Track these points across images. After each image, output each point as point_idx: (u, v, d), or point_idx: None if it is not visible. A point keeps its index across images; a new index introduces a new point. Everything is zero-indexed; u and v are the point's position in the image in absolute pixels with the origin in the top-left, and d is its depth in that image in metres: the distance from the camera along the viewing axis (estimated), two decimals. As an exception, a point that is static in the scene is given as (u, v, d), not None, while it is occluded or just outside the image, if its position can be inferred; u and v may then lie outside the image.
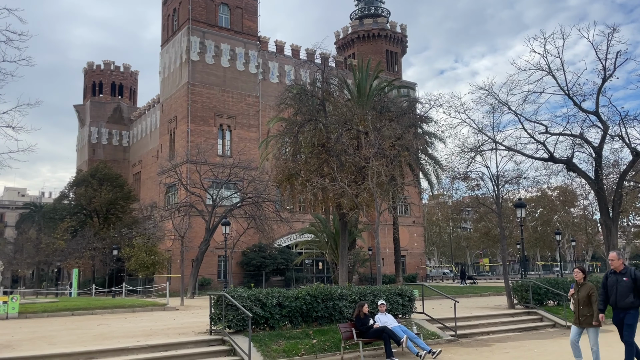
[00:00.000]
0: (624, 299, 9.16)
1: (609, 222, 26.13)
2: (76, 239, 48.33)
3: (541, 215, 71.50)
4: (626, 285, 9.18)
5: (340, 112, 26.97)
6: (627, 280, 9.18)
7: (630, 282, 9.16)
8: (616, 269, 9.39)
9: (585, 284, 9.91)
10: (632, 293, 9.14)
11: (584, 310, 9.70)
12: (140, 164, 69.03)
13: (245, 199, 39.53)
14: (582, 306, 9.74)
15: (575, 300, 9.93)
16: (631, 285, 9.16)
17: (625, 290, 9.18)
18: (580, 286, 9.92)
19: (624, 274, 9.26)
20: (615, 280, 9.34)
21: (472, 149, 23.89)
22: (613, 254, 9.46)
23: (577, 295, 9.87)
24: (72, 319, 20.76)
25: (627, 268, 9.34)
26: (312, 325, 13.81)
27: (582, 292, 9.77)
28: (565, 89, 25.33)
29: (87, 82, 76.30)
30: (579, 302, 9.79)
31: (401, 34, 66.44)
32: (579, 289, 9.87)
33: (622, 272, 9.32)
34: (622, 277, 9.25)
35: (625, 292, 9.18)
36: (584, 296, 9.70)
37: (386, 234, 53.19)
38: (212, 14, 51.84)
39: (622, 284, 9.23)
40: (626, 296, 9.16)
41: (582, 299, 9.75)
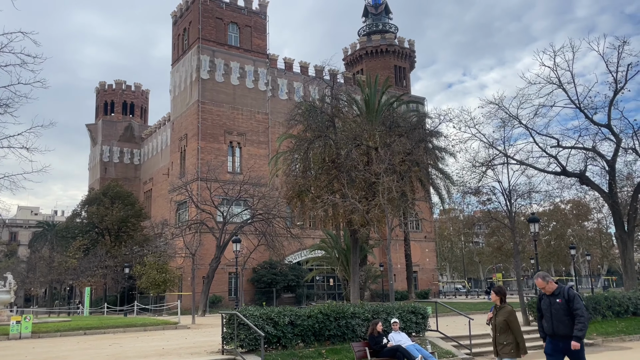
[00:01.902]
0: (562, 325, 7.72)
1: (624, 235, 25.79)
2: (88, 257, 48.52)
3: (554, 229, 70.72)
4: (560, 308, 7.77)
5: (350, 128, 27.03)
6: (561, 302, 7.78)
7: (564, 304, 7.76)
8: (548, 292, 8.05)
9: (504, 307, 8.45)
10: (568, 316, 7.71)
11: (500, 339, 8.30)
12: (151, 181, 69.48)
13: (256, 215, 39.54)
14: (499, 333, 8.33)
15: (492, 326, 8.54)
16: (565, 307, 7.76)
17: (560, 313, 7.77)
18: (498, 310, 8.49)
19: (557, 295, 7.87)
20: (548, 303, 7.97)
21: (483, 163, 23.77)
22: (538, 280, 8.08)
23: (494, 320, 8.47)
24: (85, 338, 20.73)
25: (560, 288, 7.94)
26: (324, 344, 13.66)
27: (499, 317, 8.36)
28: (577, 102, 25.24)
29: (99, 101, 77.27)
30: (496, 328, 8.39)
31: (409, 49, 66.73)
32: (497, 314, 8.46)
33: (554, 293, 7.93)
34: (555, 299, 7.85)
35: (560, 317, 7.77)
36: (501, 322, 8.30)
37: (397, 249, 52.84)
38: (221, 33, 52.47)
39: (555, 307, 7.81)
40: (562, 321, 7.73)
41: (499, 325, 8.34)
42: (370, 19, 69.55)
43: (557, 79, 24.93)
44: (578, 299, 7.77)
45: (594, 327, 18.55)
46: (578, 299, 7.77)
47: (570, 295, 7.79)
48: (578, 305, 7.68)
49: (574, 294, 7.80)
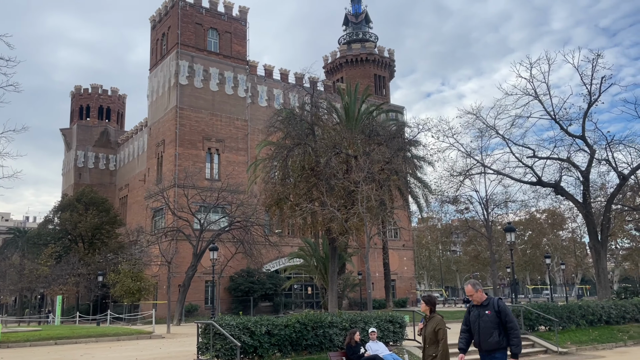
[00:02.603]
0: (488, 338, 7.22)
1: (597, 245, 26.21)
2: (60, 264, 47.40)
3: (530, 238, 71.73)
4: (489, 320, 7.24)
5: (329, 136, 27.01)
6: (490, 314, 7.27)
7: (494, 316, 7.25)
8: (476, 302, 7.55)
9: (433, 317, 8.01)
10: (497, 330, 7.20)
11: (429, 350, 7.85)
12: (127, 187, 68.42)
13: (234, 223, 39.18)
14: (428, 345, 7.88)
15: (422, 337, 8.10)
16: (495, 319, 7.23)
17: (489, 326, 7.24)
18: (428, 320, 8.06)
19: (486, 307, 7.38)
20: (477, 315, 7.45)
21: (461, 172, 24.01)
22: (468, 286, 7.62)
23: (424, 331, 8.03)
24: (56, 348, 20.16)
25: (490, 299, 7.48)
26: (302, 353, 13.50)
27: (429, 328, 7.92)
28: (552, 113, 25.68)
29: (74, 105, 75.95)
30: (425, 339, 7.94)
31: (389, 58, 67.28)
32: (426, 324, 8.03)
33: (483, 304, 7.44)
34: (484, 311, 7.34)
35: (488, 330, 7.24)
36: (430, 332, 7.85)
37: (376, 258, 52.90)
38: (201, 39, 52.15)
39: (484, 319, 7.29)
40: (490, 334, 7.22)
41: (428, 335, 7.88)
42: (351, 28, 70.00)
43: (533, 90, 25.38)
44: (509, 311, 7.33)
45: (568, 335, 18.75)
46: (509, 311, 7.33)
47: (501, 307, 7.28)
48: (510, 318, 7.22)
49: (504, 306, 7.33)
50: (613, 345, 18.66)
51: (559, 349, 17.22)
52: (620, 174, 26.42)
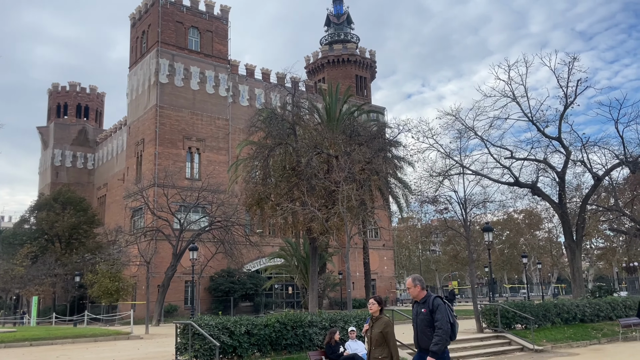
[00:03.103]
0: (424, 337, 6.99)
1: (573, 245, 26.73)
2: (36, 265, 46.59)
3: (508, 238, 72.71)
4: (424, 319, 7.02)
5: (311, 136, 27.03)
6: (426, 312, 7.01)
7: (429, 315, 6.99)
8: (415, 298, 7.25)
9: (381, 317, 7.65)
10: (431, 329, 6.94)
11: (375, 352, 7.46)
12: (105, 187, 67.53)
13: (214, 223, 38.98)
14: (375, 347, 7.48)
15: (368, 339, 7.70)
16: (429, 318, 6.98)
17: (424, 325, 7.00)
18: (374, 321, 7.66)
19: (423, 304, 7.09)
20: (415, 312, 7.20)
21: (440, 173, 24.24)
22: (408, 280, 7.34)
23: (369, 332, 7.65)
24: (31, 349, 19.85)
25: (428, 297, 7.16)
26: (281, 353, 13.53)
27: (375, 329, 7.53)
28: (529, 115, 26.10)
29: (51, 103, 74.72)
30: (371, 341, 7.54)
31: (370, 59, 67.60)
32: (373, 325, 7.64)
33: (421, 301, 7.14)
34: (421, 309, 7.09)
35: (423, 328, 7.01)
36: (377, 334, 7.47)
37: (356, 257, 53.13)
38: (181, 37, 51.76)
39: (420, 317, 7.07)
40: (425, 333, 6.96)
41: (374, 337, 7.50)
42: (333, 29, 70.16)
43: (511, 92, 25.76)
44: (442, 309, 6.96)
45: (543, 333, 19.11)
46: (442, 309, 6.96)
47: (435, 305, 6.95)
48: (439, 317, 6.88)
49: (438, 304, 6.98)
50: (587, 343, 19.08)
51: (534, 347, 17.55)
52: (595, 175, 26.98)
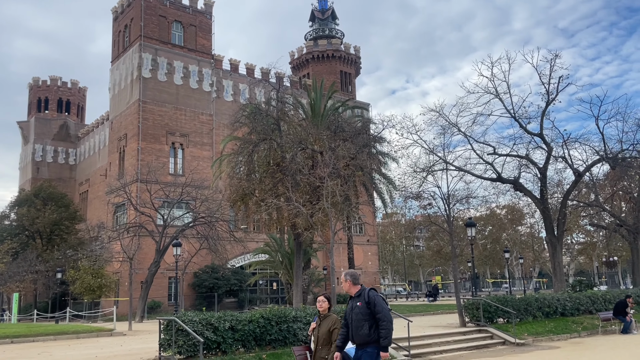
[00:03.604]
0: (359, 331, 6.76)
1: (554, 240, 27.11)
2: (17, 261, 45.88)
3: (490, 233, 73.54)
4: (360, 312, 6.78)
5: (295, 131, 26.98)
6: (361, 306, 6.80)
7: (365, 307, 6.77)
8: (349, 292, 7.08)
9: (329, 315, 7.38)
10: (368, 322, 6.74)
11: (321, 352, 7.22)
12: (87, 182, 66.71)
13: (198, 218, 38.75)
14: (321, 346, 7.24)
15: (315, 337, 7.39)
16: (365, 311, 6.75)
17: (360, 318, 6.77)
18: (322, 319, 7.40)
19: (358, 298, 6.90)
20: (350, 307, 6.98)
21: (424, 169, 24.42)
22: (342, 275, 7.14)
23: (317, 330, 7.34)
24: (12, 347, 19.58)
25: (363, 290, 6.96)
26: (265, 349, 13.53)
27: (323, 327, 7.28)
28: (512, 112, 26.37)
29: (32, 97, 73.50)
30: (318, 340, 7.28)
31: (355, 55, 67.63)
32: (320, 324, 7.38)
33: (356, 295, 6.96)
34: (356, 302, 6.89)
35: (359, 322, 6.77)
36: (324, 332, 7.22)
37: (341, 253, 53.27)
38: (164, 31, 51.23)
39: (355, 310, 6.84)
40: (360, 327, 6.75)
41: (321, 336, 7.25)
42: (317, 24, 70.00)
43: (494, 89, 26.00)
44: (380, 301, 6.81)
45: (525, 327, 19.37)
46: (380, 301, 6.81)
47: (371, 298, 6.77)
48: (380, 309, 6.70)
49: (374, 296, 6.80)
50: (568, 336, 19.39)
51: (516, 340, 17.79)
52: (575, 171, 27.38)
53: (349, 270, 7.15)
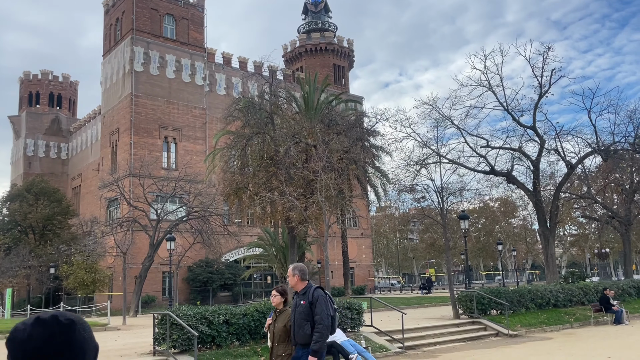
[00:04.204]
0: (300, 330, 6.37)
1: (546, 232, 27.27)
2: (10, 256, 45.65)
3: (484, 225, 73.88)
4: (302, 311, 6.39)
5: (289, 125, 26.97)
6: (305, 305, 6.39)
7: (307, 307, 6.36)
8: (294, 288, 6.65)
9: (285, 311, 6.90)
10: (310, 322, 6.32)
11: (278, 349, 6.74)
12: (79, 177, 66.34)
13: (191, 213, 38.66)
14: (278, 343, 6.76)
15: (270, 334, 6.92)
16: (308, 311, 6.34)
17: (302, 317, 6.38)
18: (278, 314, 6.93)
19: (303, 296, 6.47)
20: (295, 304, 6.57)
21: (418, 162, 24.45)
22: (290, 269, 6.74)
23: (272, 327, 6.89)
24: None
25: (309, 287, 6.51)
26: (260, 342, 13.55)
27: (279, 324, 6.81)
28: (505, 104, 26.43)
29: (23, 92, 72.85)
30: (274, 336, 6.80)
31: (348, 48, 67.45)
32: (276, 319, 6.90)
33: (301, 292, 6.52)
34: (300, 300, 6.48)
35: (301, 321, 6.38)
36: (280, 328, 6.75)
37: (335, 246, 53.35)
38: (156, 25, 50.85)
39: (299, 309, 6.44)
40: (302, 326, 6.35)
41: (277, 332, 6.77)
42: (310, 17, 69.69)
43: (487, 81, 26.03)
44: (322, 302, 6.33)
45: (518, 319, 19.52)
46: (322, 302, 6.33)
47: (314, 297, 6.33)
48: (318, 310, 6.27)
49: (318, 296, 6.35)
50: (560, 328, 19.55)
51: (509, 332, 17.92)
52: (568, 163, 27.52)
53: (298, 264, 6.81)
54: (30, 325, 1.42)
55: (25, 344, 1.38)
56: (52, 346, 1.38)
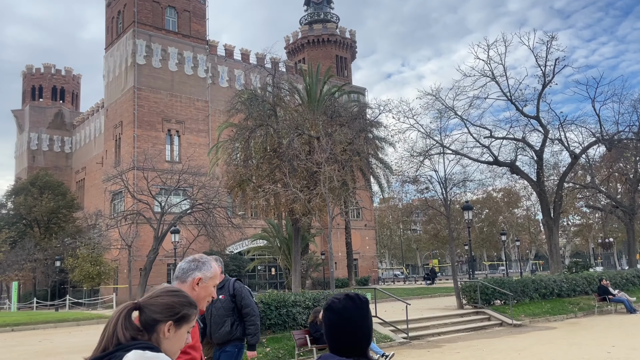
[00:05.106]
0: (219, 328, 5.82)
1: (550, 222, 27.26)
2: (15, 250, 45.99)
3: (487, 216, 73.87)
4: (222, 307, 5.83)
5: (292, 117, 26.96)
6: (224, 299, 5.83)
7: (228, 301, 5.83)
8: None
9: None
10: (231, 317, 5.83)
11: None
12: (83, 170, 66.55)
13: (195, 205, 38.77)
14: None
15: None
16: (229, 305, 5.82)
17: (221, 314, 5.83)
18: None
19: (221, 290, 5.84)
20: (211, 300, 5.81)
21: (421, 153, 24.44)
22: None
23: None
24: (13, 335, 19.71)
25: (226, 280, 5.96)
26: (265, 333, 13.66)
27: None
28: (508, 94, 26.33)
29: (26, 86, 72.94)
30: None
31: (350, 39, 67.19)
32: None
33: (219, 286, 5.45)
34: (218, 295, 5.68)
35: (220, 318, 5.83)
36: None
37: (338, 238, 53.51)
38: (158, 17, 50.72)
39: (217, 305, 5.84)
40: (221, 323, 5.81)
41: None
42: (312, 8, 69.37)
43: (490, 72, 25.92)
44: (247, 294, 5.93)
45: (522, 308, 19.58)
46: (247, 294, 5.93)
47: (237, 290, 5.87)
48: (248, 302, 5.82)
49: (241, 288, 5.91)
50: (564, 317, 19.62)
51: (513, 322, 17.99)
52: (572, 153, 27.44)
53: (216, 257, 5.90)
54: (343, 299, 2.13)
55: (342, 311, 2.09)
56: (358, 314, 2.10)
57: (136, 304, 1.95)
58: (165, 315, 1.94)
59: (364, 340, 2.11)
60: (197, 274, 2.81)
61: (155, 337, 1.92)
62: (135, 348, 1.79)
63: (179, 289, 2.08)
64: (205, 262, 2.87)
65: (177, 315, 1.97)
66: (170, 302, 1.98)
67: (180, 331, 1.99)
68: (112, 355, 1.79)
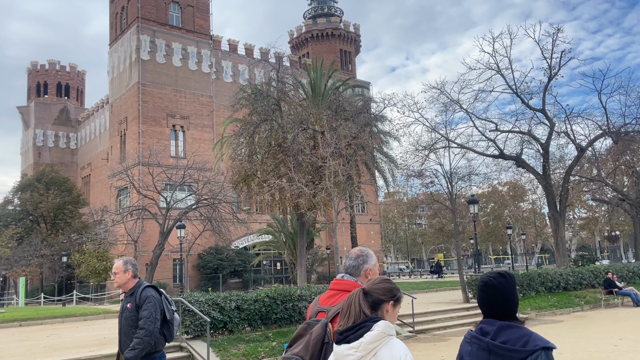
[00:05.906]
0: (128, 340, 5.10)
1: (556, 215, 27.17)
2: (22, 246, 46.28)
3: (492, 210, 73.69)
4: (129, 317, 5.17)
5: (296, 111, 26.91)
6: (131, 308, 5.17)
7: (134, 311, 5.15)
8: (123, 288, 5.35)
9: None
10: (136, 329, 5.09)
11: None
12: (89, 166, 66.81)
13: (201, 200, 38.85)
14: None
15: None
16: (135, 315, 5.13)
17: (129, 324, 5.17)
18: None
19: (130, 297, 5.25)
20: (121, 308, 5.38)
21: (426, 147, 24.39)
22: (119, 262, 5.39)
23: None
24: (21, 330, 19.84)
25: (139, 286, 5.28)
26: (271, 327, 13.69)
27: None
28: (514, 87, 26.21)
29: (31, 82, 73.20)
30: None
31: (354, 33, 66.95)
32: None
33: (129, 293, 5.29)
34: (126, 303, 5.25)
35: (128, 329, 5.16)
36: None
37: (344, 232, 53.51)
38: (162, 13, 50.68)
39: (125, 314, 5.24)
40: (130, 334, 5.11)
41: None
42: (316, 2, 69.15)
43: (495, 64, 25.80)
44: (152, 302, 5.10)
45: (528, 302, 19.55)
46: (152, 302, 5.10)
47: (142, 299, 5.11)
48: (144, 313, 5.05)
49: (147, 296, 5.12)
50: (571, 310, 19.57)
51: (519, 315, 17.95)
52: (578, 146, 27.30)
53: (129, 258, 5.48)
54: (496, 276, 2.62)
55: (498, 286, 2.58)
56: (509, 289, 2.59)
57: (363, 289, 2.60)
58: (387, 296, 2.59)
59: (514, 307, 2.62)
60: (366, 266, 3.23)
61: (380, 314, 2.56)
62: (374, 322, 2.48)
63: (389, 279, 2.72)
64: (368, 254, 3.29)
65: (395, 297, 2.62)
66: (389, 287, 2.62)
67: (396, 309, 2.63)
68: (363, 324, 2.48)
